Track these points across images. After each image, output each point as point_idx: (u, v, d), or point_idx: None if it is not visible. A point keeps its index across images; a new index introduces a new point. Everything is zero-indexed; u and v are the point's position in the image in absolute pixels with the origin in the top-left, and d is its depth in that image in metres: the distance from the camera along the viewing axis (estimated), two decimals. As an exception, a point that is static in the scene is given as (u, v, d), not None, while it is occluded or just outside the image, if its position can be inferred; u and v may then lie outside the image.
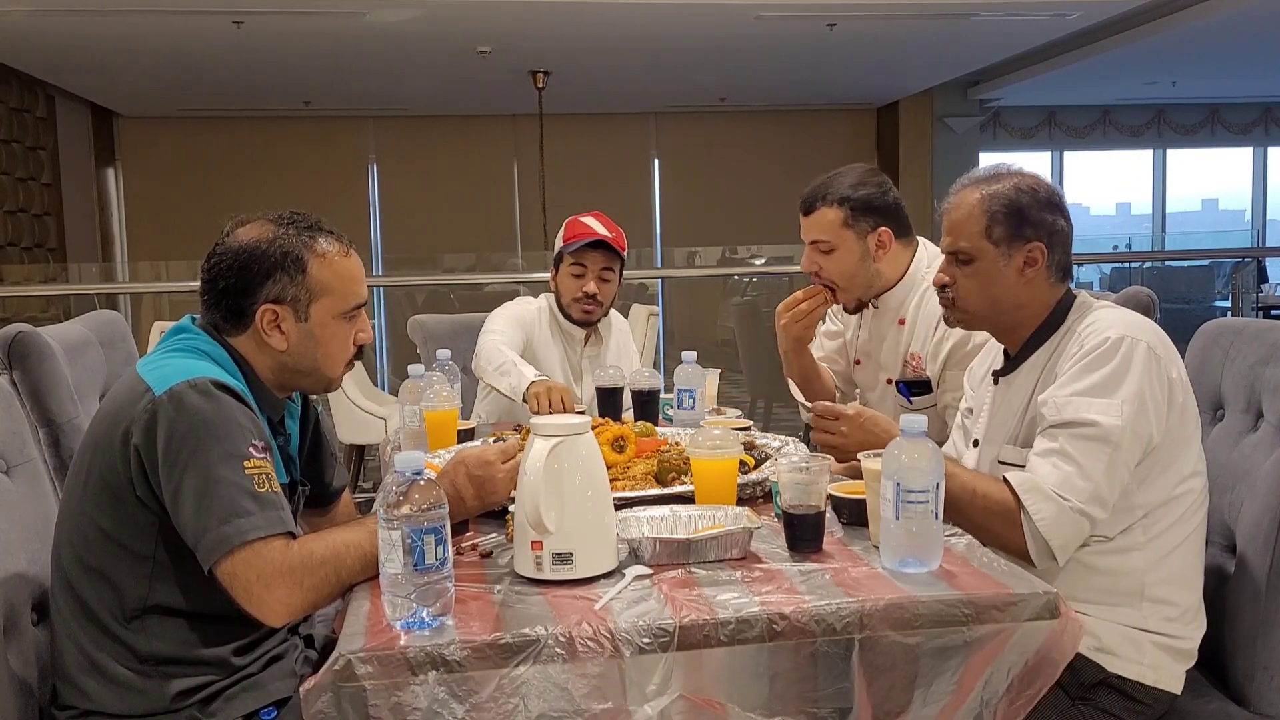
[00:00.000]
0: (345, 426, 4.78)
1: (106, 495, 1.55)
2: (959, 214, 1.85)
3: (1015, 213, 1.81)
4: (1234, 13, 7.22)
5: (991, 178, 1.86)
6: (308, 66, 8.42)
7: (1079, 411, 1.65)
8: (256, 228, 1.68)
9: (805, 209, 2.45)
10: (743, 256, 9.47)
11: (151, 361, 1.62)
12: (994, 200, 1.82)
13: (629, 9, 6.93)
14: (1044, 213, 1.82)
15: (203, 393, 1.52)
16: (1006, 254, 1.81)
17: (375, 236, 10.98)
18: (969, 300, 1.85)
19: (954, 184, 1.91)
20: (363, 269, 1.75)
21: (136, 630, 1.56)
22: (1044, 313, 1.83)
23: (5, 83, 8.05)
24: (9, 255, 8.05)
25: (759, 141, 11.25)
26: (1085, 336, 1.73)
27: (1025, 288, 1.82)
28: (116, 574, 1.56)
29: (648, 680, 1.31)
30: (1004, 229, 1.81)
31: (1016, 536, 1.65)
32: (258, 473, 1.51)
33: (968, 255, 1.84)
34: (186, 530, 1.50)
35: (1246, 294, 8.15)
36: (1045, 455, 1.67)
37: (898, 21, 7.42)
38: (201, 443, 1.49)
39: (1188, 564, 1.73)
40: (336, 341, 1.71)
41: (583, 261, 2.89)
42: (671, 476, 1.91)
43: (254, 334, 1.66)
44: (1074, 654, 1.40)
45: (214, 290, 1.66)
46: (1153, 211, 12.64)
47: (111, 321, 2.44)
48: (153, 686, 1.55)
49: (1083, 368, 1.69)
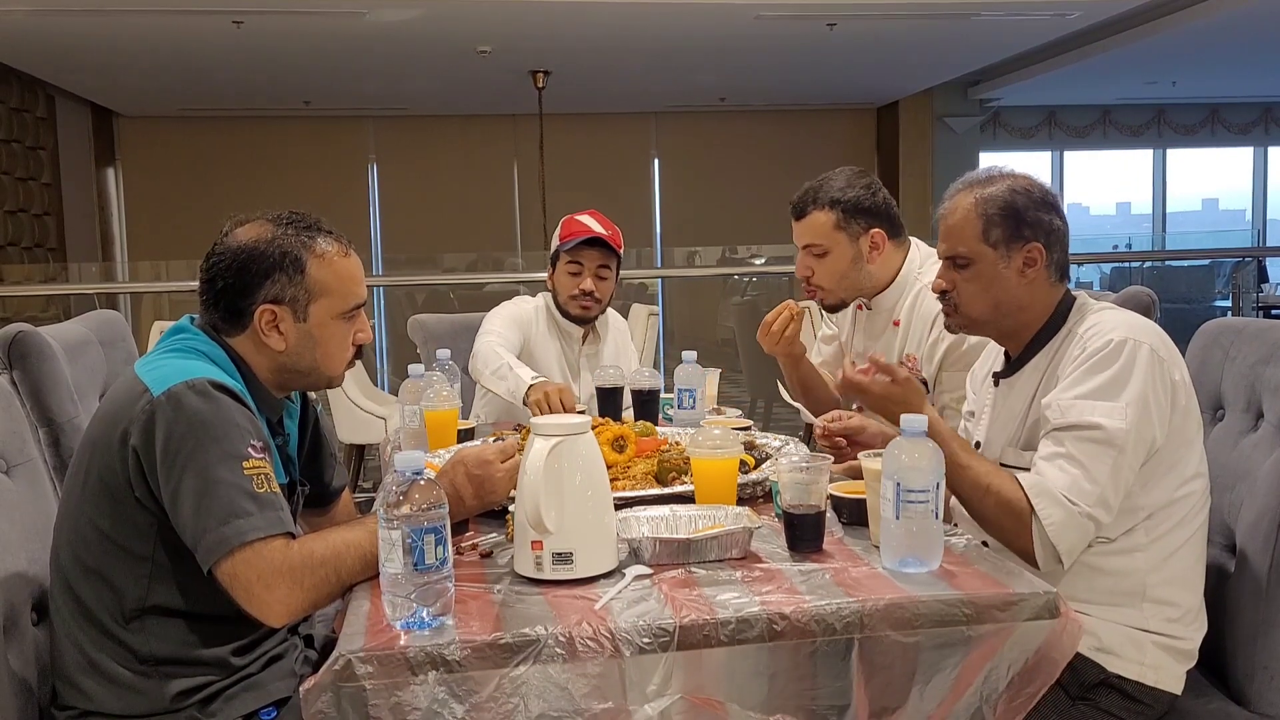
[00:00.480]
0: (345, 426, 4.78)
1: (105, 496, 1.55)
2: (955, 219, 1.84)
3: (1012, 214, 1.80)
4: (1234, 13, 7.22)
5: (985, 180, 1.85)
6: (308, 66, 8.42)
7: (1084, 415, 1.65)
8: (256, 228, 1.67)
9: (796, 213, 2.46)
10: (743, 256, 9.47)
11: (149, 362, 1.62)
12: (989, 203, 1.81)
13: (629, 9, 6.93)
14: (1040, 213, 1.81)
15: (201, 393, 1.52)
16: (1005, 256, 1.80)
17: (375, 236, 10.98)
18: (971, 305, 1.85)
19: (948, 188, 1.91)
20: (362, 269, 1.74)
21: (136, 631, 1.56)
22: (1045, 314, 1.83)
23: (5, 83, 8.05)
24: (9, 255, 8.05)
25: (759, 141, 11.25)
26: (1088, 339, 1.73)
27: (1026, 289, 1.81)
28: (115, 575, 1.56)
29: (648, 680, 1.31)
30: (1001, 231, 1.80)
31: (1025, 538, 1.65)
32: (256, 473, 1.51)
33: (966, 259, 1.83)
34: (185, 531, 1.50)
35: (1247, 294, 8.15)
36: (1051, 459, 1.67)
37: (898, 21, 7.42)
38: (200, 443, 1.49)
39: (1189, 565, 1.73)
40: (335, 341, 1.71)
41: (579, 259, 2.89)
42: (672, 476, 1.91)
43: (252, 334, 1.66)
44: (1074, 653, 1.40)
45: (213, 290, 1.66)
46: (1153, 211, 12.64)
47: (111, 321, 2.44)
48: (152, 687, 1.55)
49: (1086, 370, 1.68)
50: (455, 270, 8.83)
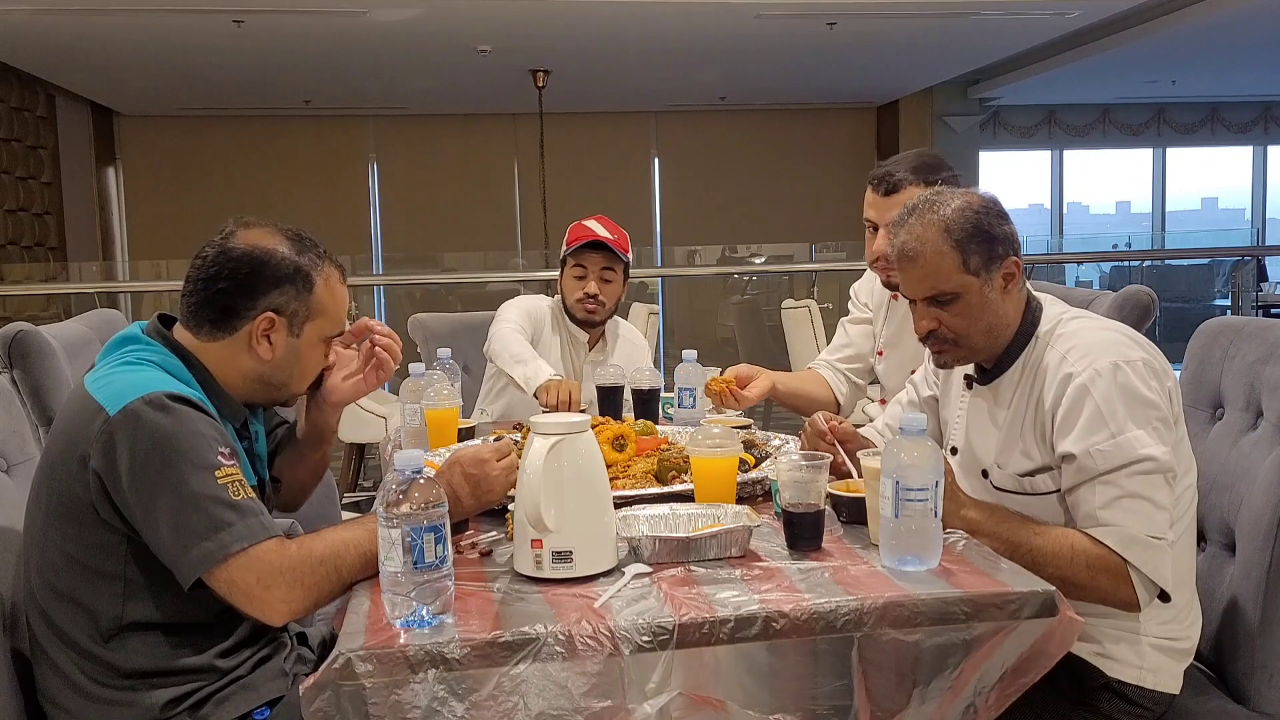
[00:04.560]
0: (345, 425, 4.76)
1: (68, 520, 1.52)
2: (927, 257, 1.72)
3: (983, 235, 1.71)
4: (1234, 12, 7.23)
5: (938, 204, 1.75)
6: (308, 65, 8.42)
7: (1129, 453, 1.61)
8: (268, 235, 1.66)
9: (887, 189, 2.35)
10: (742, 255, 9.49)
11: (100, 377, 1.57)
12: (958, 229, 1.71)
13: (629, 8, 6.93)
14: (1003, 224, 1.74)
15: (159, 408, 1.48)
16: (988, 279, 1.73)
17: (375, 235, 10.99)
18: (967, 337, 1.75)
19: (896, 218, 1.80)
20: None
21: (116, 649, 1.53)
22: (1017, 322, 1.78)
23: (6, 82, 8.05)
24: (9, 254, 8.05)
25: (759, 140, 11.26)
26: (1073, 362, 1.67)
27: (1011, 304, 1.76)
28: (88, 597, 1.52)
29: (647, 678, 1.31)
30: (979, 256, 1.71)
31: (1125, 589, 1.62)
32: (230, 481, 1.49)
33: (951, 294, 1.73)
34: (163, 549, 1.47)
35: (1246, 292, 8.16)
36: (1115, 502, 1.62)
37: (898, 21, 7.42)
38: (167, 460, 1.46)
39: (1182, 564, 1.73)
40: (314, 362, 1.73)
41: (583, 263, 2.92)
42: (671, 475, 1.91)
43: (237, 340, 1.64)
44: (1068, 649, 1.40)
45: (210, 287, 1.62)
46: (1152, 210, 12.66)
47: (112, 320, 2.45)
48: (139, 699, 1.53)
49: (1101, 410, 1.63)
50: (455, 269, 8.84)
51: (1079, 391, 1.65)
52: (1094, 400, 1.63)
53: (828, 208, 10.76)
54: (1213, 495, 1.91)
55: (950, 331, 1.75)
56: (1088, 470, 1.63)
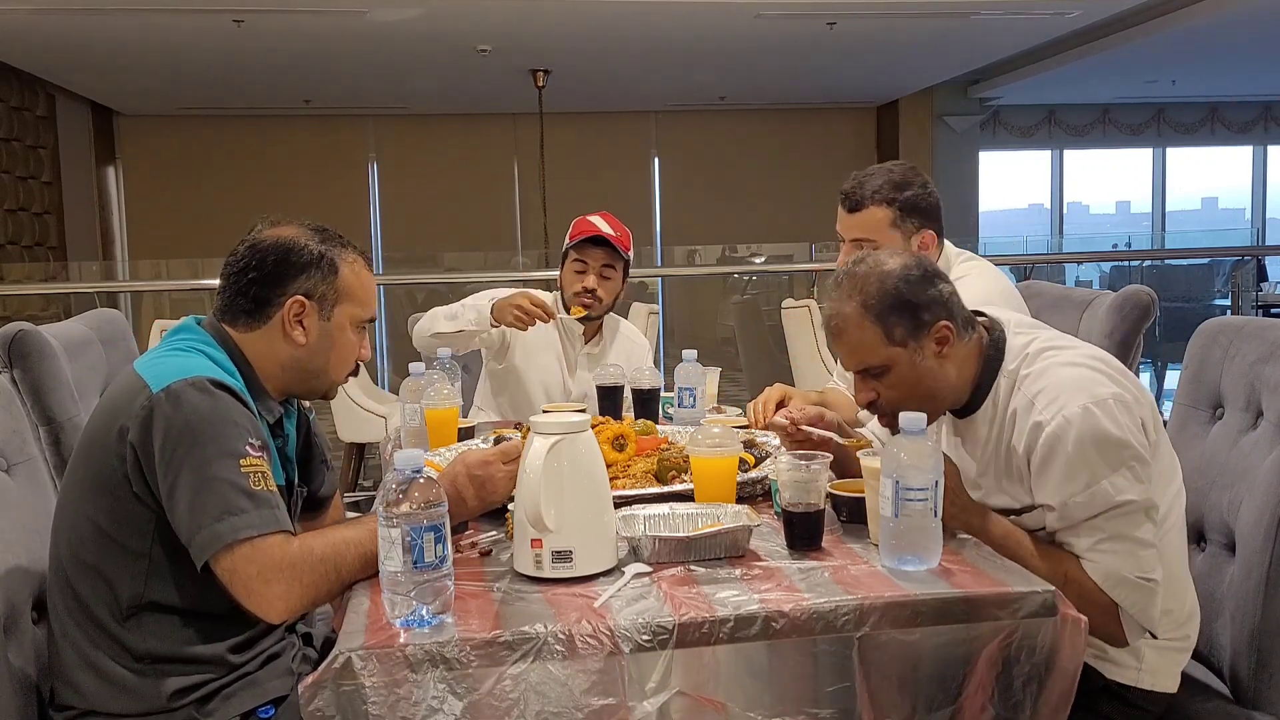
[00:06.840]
0: (346, 425, 4.78)
1: (103, 492, 1.56)
2: (850, 334, 1.70)
3: (903, 306, 1.67)
4: (1234, 12, 7.23)
5: (859, 277, 1.70)
6: (308, 65, 8.42)
7: (1110, 498, 1.60)
8: (293, 229, 1.73)
9: (851, 206, 2.37)
10: (742, 255, 9.48)
11: (150, 359, 1.63)
12: (876, 304, 1.67)
13: (629, 8, 6.93)
14: (928, 289, 1.68)
15: (201, 390, 1.54)
16: (918, 348, 1.69)
17: (375, 235, 10.99)
18: (905, 404, 1.68)
19: (830, 284, 1.78)
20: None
21: (132, 628, 1.56)
22: (976, 367, 1.74)
23: (5, 81, 8.05)
24: (9, 254, 8.05)
25: (759, 140, 11.26)
26: (1040, 408, 1.64)
27: (952, 364, 1.72)
28: (112, 571, 1.56)
29: (647, 677, 1.31)
30: (902, 328, 1.67)
31: (1112, 626, 1.62)
32: (253, 471, 1.52)
33: (881, 368, 1.70)
34: (181, 527, 1.50)
35: (1246, 292, 8.14)
36: (1099, 545, 1.62)
37: (898, 20, 7.43)
38: (197, 440, 1.50)
39: (1174, 563, 1.72)
40: (348, 349, 1.77)
41: (584, 257, 2.93)
42: (671, 475, 1.92)
43: (274, 328, 1.69)
44: (1083, 658, 1.40)
45: (242, 279, 1.69)
46: (1152, 210, 12.65)
47: (112, 320, 2.44)
48: (148, 686, 1.55)
49: (1072, 464, 1.61)
50: (456, 269, 8.84)
51: (1051, 441, 1.62)
52: (1066, 450, 1.61)
53: (828, 208, 10.59)
54: (1213, 495, 1.91)
55: (888, 403, 1.72)
56: (1069, 518, 1.64)
